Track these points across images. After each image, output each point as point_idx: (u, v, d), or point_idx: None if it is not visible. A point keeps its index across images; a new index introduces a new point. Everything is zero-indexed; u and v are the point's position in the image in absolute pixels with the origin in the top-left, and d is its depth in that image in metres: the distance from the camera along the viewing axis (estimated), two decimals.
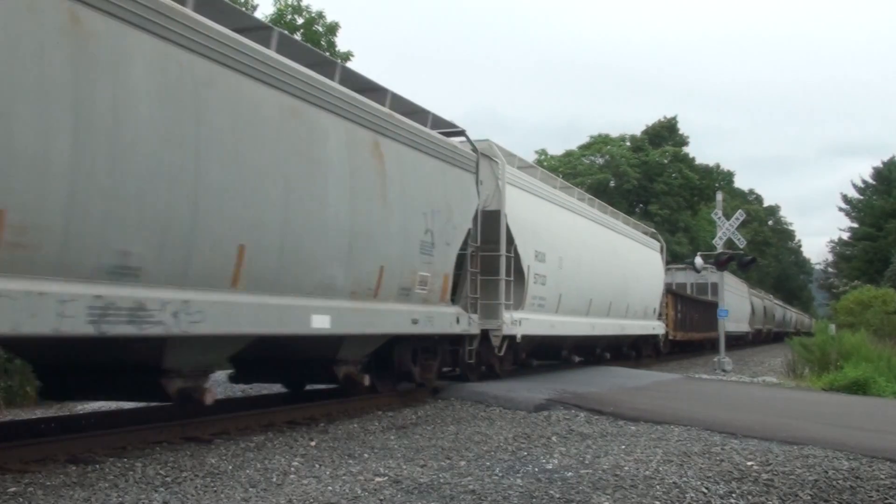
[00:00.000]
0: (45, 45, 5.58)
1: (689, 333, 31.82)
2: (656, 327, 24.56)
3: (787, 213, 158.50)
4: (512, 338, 13.42)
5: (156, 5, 6.48)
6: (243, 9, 9.41)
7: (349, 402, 10.57)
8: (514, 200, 13.84)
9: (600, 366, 19.81)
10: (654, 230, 26.51)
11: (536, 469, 6.66)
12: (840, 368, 19.26)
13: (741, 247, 25.23)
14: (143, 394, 7.86)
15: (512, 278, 13.37)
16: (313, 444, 7.91)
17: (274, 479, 6.17)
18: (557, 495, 5.70)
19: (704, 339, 34.83)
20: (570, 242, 16.79)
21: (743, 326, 44.42)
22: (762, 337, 55.31)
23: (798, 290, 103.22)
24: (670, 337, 27.76)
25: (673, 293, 29.47)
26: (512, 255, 13.43)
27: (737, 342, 43.06)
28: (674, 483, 6.17)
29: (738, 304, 41.42)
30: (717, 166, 73.10)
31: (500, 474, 6.41)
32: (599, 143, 58.55)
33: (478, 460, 7.08)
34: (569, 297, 16.32)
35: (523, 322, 13.71)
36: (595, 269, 18.09)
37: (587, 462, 7.02)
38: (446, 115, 12.73)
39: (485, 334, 12.84)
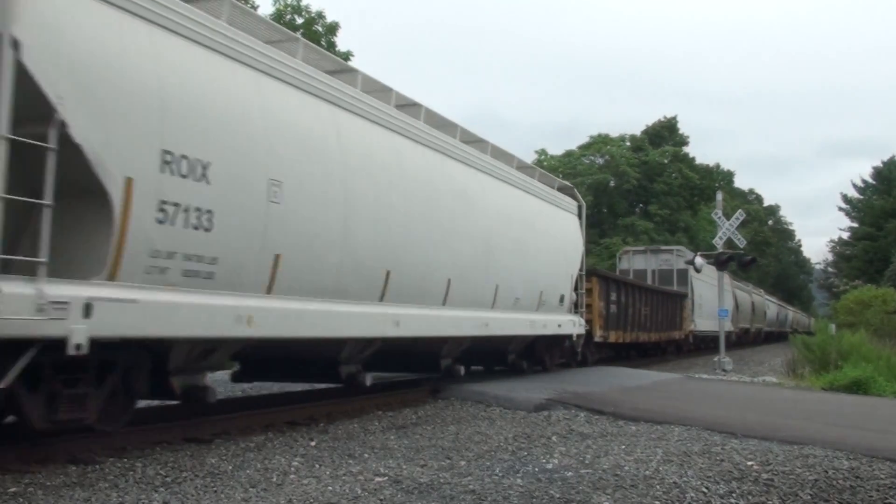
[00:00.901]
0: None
1: (636, 333, 23.61)
2: (566, 324, 16.25)
3: (787, 213, 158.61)
4: (54, 346, 5.90)
5: None
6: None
7: (349, 402, 10.57)
8: (81, 15, 6.29)
9: (601, 366, 19.77)
10: (569, 184, 18.35)
11: (536, 469, 6.66)
12: (840, 368, 19.26)
13: (741, 247, 25.25)
14: None
15: (50, 203, 5.91)
16: (313, 444, 7.91)
17: (274, 479, 6.17)
18: (557, 495, 5.70)
19: (665, 341, 27.36)
20: (320, 158, 8.77)
21: (725, 325, 39.34)
22: (750, 338, 46.53)
23: (798, 289, 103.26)
24: (597, 338, 19.73)
25: (601, 276, 20.98)
26: (53, 145, 5.92)
27: (714, 344, 36.67)
28: (674, 483, 6.17)
29: (716, 297, 33.22)
30: (717, 166, 73.21)
31: (501, 474, 6.41)
32: (599, 143, 58.58)
33: (478, 460, 7.08)
34: (310, 265, 8.63)
35: (99, 308, 6.17)
36: (401, 219, 10.09)
37: (587, 462, 7.02)
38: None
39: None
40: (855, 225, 68.29)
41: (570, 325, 16.56)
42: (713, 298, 33.92)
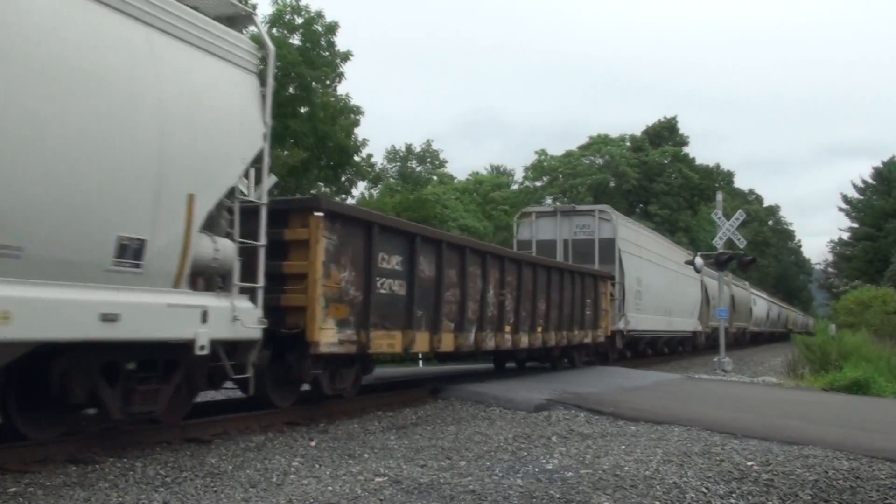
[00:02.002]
0: None
1: (474, 334, 12.55)
2: (154, 316, 6.84)
3: (786, 213, 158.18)
4: None
5: None
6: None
7: (349, 403, 10.57)
8: None
9: (600, 366, 19.76)
10: (243, 7, 8.63)
11: (536, 469, 6.66)
12: (840, 369, 19.26)
13: (741, 247, 25.24)
14: None
15: None
16: (313, 444, 7.92)
17: (274, 479, 6.17)
18: (557, 495, 5.70)
19: (562, 346, 16.83)
20: None
21: (686, 323, 28.75)
22: (730, 340, 33.81)
23: (798, 290, 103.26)
24: (325, 347, 9.04)
25: (340, 214, 9.49)
26: None
27: (670, 348, 29.54)
28: (674, 483, 6.17)
29: (678, 287, 27.32)
30: (717, 166, 73.01)
31: (501, 474, 6.41)
32: (599, 144, 58.50)
33: (478, 460, 7.08)
34: None
35: None
36: None
37: (587, 462, 7.02)
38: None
39: None
40: (855, 225, 68.24)
41: (181, 318, 7.23)
42: (661, 285, 24.61)
